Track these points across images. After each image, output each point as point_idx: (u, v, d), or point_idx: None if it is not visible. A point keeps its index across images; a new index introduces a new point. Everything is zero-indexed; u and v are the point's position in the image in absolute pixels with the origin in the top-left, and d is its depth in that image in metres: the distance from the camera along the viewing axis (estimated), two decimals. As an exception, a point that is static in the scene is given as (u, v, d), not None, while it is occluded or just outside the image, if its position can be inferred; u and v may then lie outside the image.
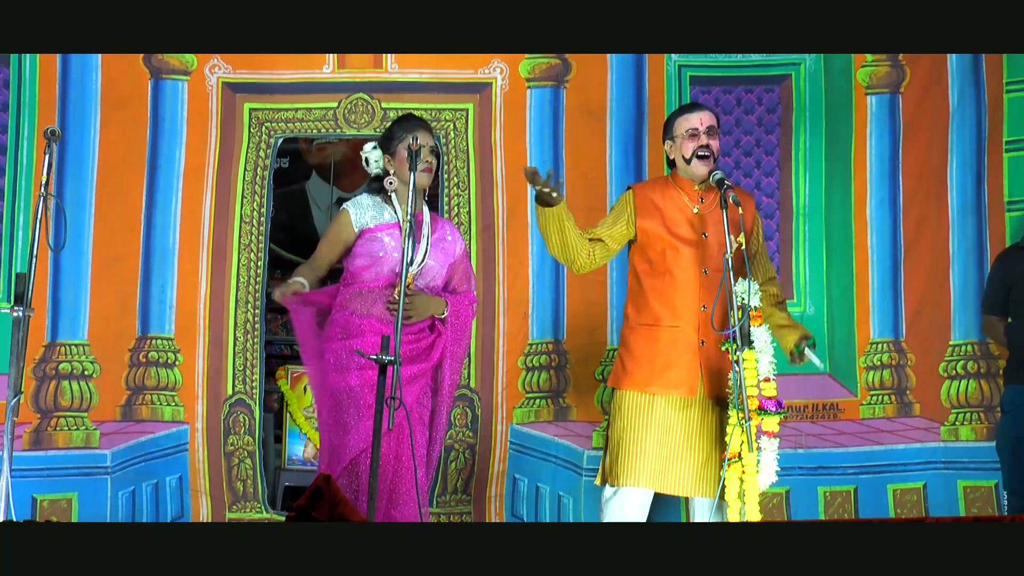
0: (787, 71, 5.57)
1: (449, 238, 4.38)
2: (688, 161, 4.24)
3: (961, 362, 5.52)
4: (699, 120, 4.25)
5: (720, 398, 4.20)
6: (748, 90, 5.59)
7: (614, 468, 4.23)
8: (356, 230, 4.25)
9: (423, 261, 4.26)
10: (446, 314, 4.28)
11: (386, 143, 4.33)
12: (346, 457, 4.13)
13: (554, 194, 4.09)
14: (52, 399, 5.15)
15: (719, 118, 4.43)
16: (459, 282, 4.40)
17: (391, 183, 4.29)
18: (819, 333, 5.43)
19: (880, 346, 5.52)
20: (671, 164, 4.36)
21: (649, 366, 4.23)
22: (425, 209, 4.36)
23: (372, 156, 4.35)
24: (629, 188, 4.40)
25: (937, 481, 5.45)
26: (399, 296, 3.99)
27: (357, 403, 4.16)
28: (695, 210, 4.26)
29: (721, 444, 4.15)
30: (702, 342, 4.19)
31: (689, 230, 4.24)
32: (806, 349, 4.24)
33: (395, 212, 4.27)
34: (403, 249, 4.04)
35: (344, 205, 4.32)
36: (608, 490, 4.27)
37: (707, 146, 4.22)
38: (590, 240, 4.28)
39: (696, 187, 4.28)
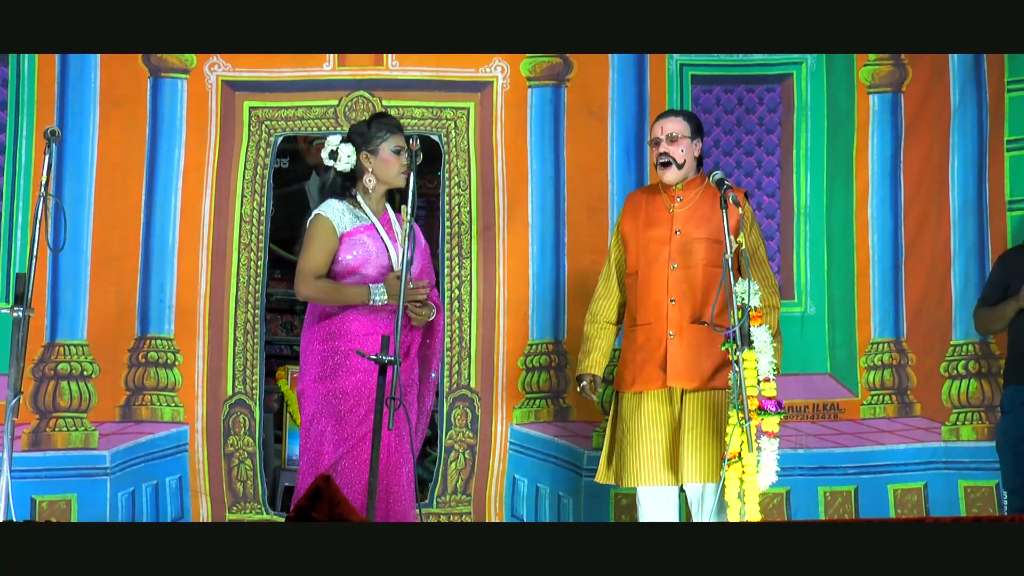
0: (788, 70, 5.56)
1: (415, 234, 4.31)
2: (656, 167, 4.49)
3: (962, 362, 5.51)
4: (660, 128, 4.50)
5: (702, 389, 4.33)
6: (749, 89, 5.58)
7: (619, 470, 4.42)
8: (339, 235, 4.21)
9: (403, 261, 4.23)
10: (434, 315, 4.32)
11: (363, 140, 4.25)
12: (324, 465, 4.11)
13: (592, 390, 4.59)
14: (51, 400, 5.14)
15: (696, 120, 4.60)
16: (424, 277, 4.34)
17: (371, 182, 4.25)
18: (820, 333, 5.43)
19: (881, 346, 5.51)
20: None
21: (632, 365, 4.45)
22: (390, 209, 4.32)
23: (344, 151, 4.24)
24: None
25: (938, 481, 5.43)
26: (400, 296, 3.98)
27: (336, 409, 4.15)
28: (671, 209, 4.45)
29: (710, 432, 4.28)
30: (671, 334, 4.33)
31: (660, 228, 4.45)
32: None
33: (365, 214, 4.24)
34: (403, 250, 4.03)
35: (320, 212, 4.23)
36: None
37: (665, 153, 4.44)
38: (616, 301, 4.62)
39: (674, 186, 4.48)
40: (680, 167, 4.46)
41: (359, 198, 4.27)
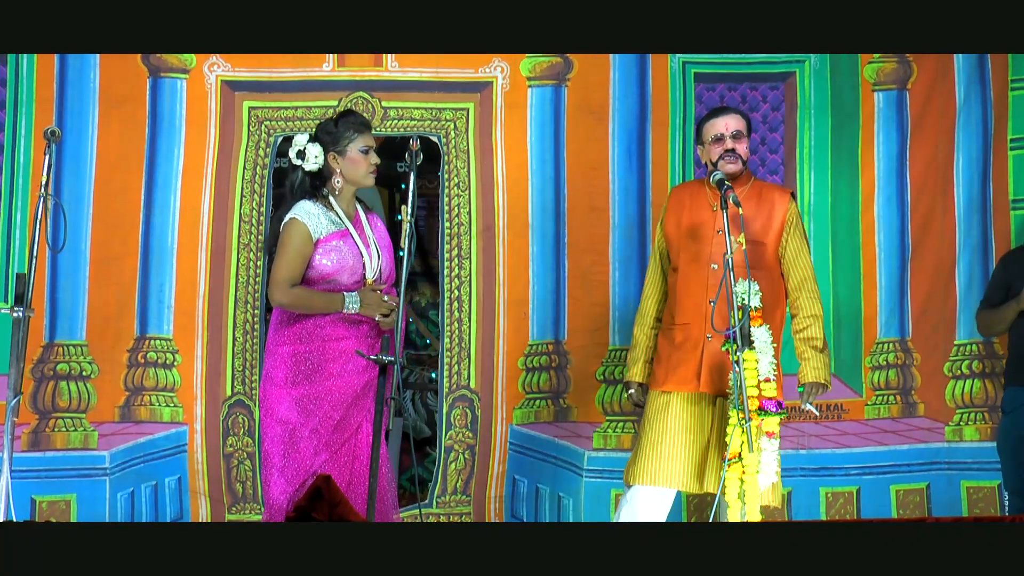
0: (792, 68, 5.55)
1: (380, 232, 4.29)
2: (715, 165, 4.38)
3: (966, 362, 5.50)
4: (724, 125, 4.42)
5: (725, 394, 4.24)
6: (753, 87, 5.57)
7: (630, 467, 4.37)
8: (314, 240, 4.11)
9: (379, 266, 4.19)
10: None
11: (331, 140, 4.17)
12: (303, 470, 4.04)
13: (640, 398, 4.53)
14: (50, 400, 5.14)
15: (749, 118, 4.56)
16: (391, 279, 4.28)
17: (339, 183, 4.18)
18: (825, 333, 5.40)
19: (886, 346, 5.50)
20: (705, 166, 4.50)
21: (666, 364, 4.40)
22: (360, 210, 4.27)
23: (311, 151, 4.15)
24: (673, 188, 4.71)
25: (940, 482, 5.43)
26: (399, 296, 3.98)
27: (313, 414, 4.07)
28: (714, 208, 4.38)
29: (722, 441, 4.19)
30: (708, 337, 4.28)
31: (703, 227, 4.38)
32: (808, 404, 4.37)
33: (339, 217, 4.16)
34: (404, 249, 4.02)
35: (295, 216, 4.13)
36: (624, 489, 4.39)
37: (732, 150, 4.37)
38: (663, 298, 4.55)
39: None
40: (744, 164, 4.42)
41: (331, 199, 4.19)
